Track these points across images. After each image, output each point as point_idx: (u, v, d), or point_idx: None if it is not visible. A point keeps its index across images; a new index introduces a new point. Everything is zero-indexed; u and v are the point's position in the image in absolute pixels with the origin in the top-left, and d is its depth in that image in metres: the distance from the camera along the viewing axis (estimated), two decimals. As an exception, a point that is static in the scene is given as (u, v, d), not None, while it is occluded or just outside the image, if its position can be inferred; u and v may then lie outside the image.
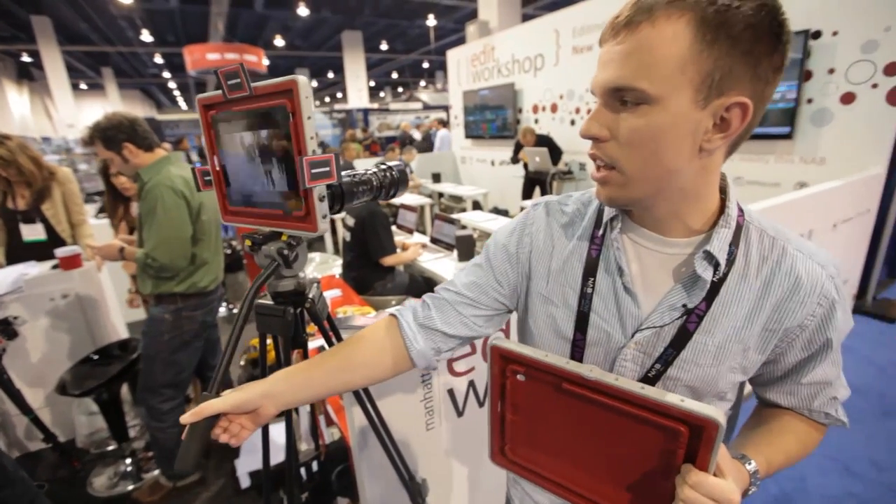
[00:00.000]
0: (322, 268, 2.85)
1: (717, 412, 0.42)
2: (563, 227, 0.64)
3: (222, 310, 3.85)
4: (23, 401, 1.95)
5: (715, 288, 0.52)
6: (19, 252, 2.23)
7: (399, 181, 0.77)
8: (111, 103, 16.91)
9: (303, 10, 10.82)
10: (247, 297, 0.69)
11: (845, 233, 2.56)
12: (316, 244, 5.65)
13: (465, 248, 2.49)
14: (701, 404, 0.43)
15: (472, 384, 1.21)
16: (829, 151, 3.04)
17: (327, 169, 0.60)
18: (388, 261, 2.46)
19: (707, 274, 0.51)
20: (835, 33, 2.89)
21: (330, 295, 2.01)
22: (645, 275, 0.56)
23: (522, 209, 4.99)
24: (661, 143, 0.46)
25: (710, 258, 0.51)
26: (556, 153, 4.74)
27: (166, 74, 18.44)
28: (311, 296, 0.77)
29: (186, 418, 0.55)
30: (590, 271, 0.58)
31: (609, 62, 0.47)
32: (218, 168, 0.72)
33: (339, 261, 2.95)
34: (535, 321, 0.64)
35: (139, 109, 21.07)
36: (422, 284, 2.61)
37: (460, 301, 0.67)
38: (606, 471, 0.53)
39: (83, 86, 18.92)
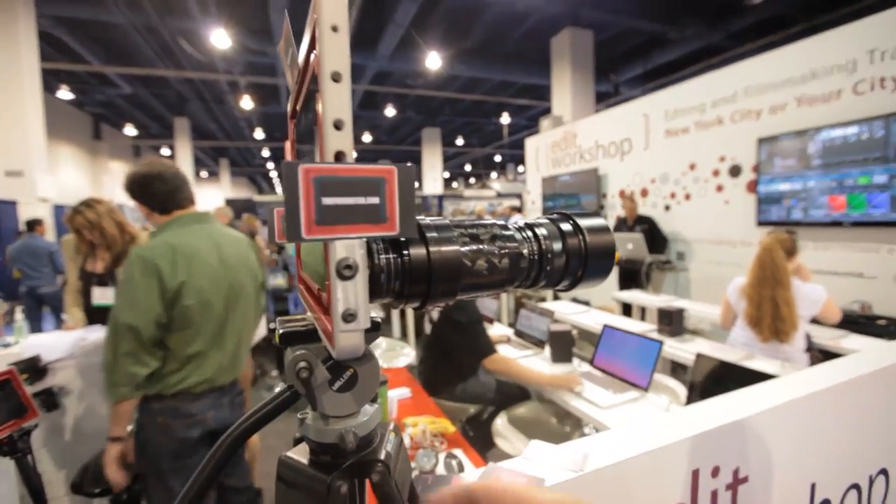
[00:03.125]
0: (388, 356, 2.49)
1: None
2: None
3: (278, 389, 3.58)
4: (40, 491, 1.68)
5: None
6: (89, 315, 2.16)
7: (599, 251, 0.35)
8: (222, 188, 19.53)
9: (390, 111, 12.06)
10: (219, 447, 0.34)
11: None
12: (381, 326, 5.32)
13: (562, 346, 2.01)
14: None
15: None
16: None
17: (374, 202, 0.24)
18: (495, 366, 1.89)
19: None
20: None
21: (396, 395, 1.62)
22: None
23: (617, 301, 4.31)
24: None
25: None
26: (658, 240, 4.17)
27: (270, 165, 21.20)
28: (382, 454, 0.39)
29: None
30: None
31: None
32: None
33: (408, 349, 2.58)
34: None
35: (244, 192, 24.15)
36: (514, 390, 2.10)
37: None
38: None
39: (203, 174, 22.22)
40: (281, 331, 0.37)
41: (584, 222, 0.35)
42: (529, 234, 0.34)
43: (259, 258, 1.60)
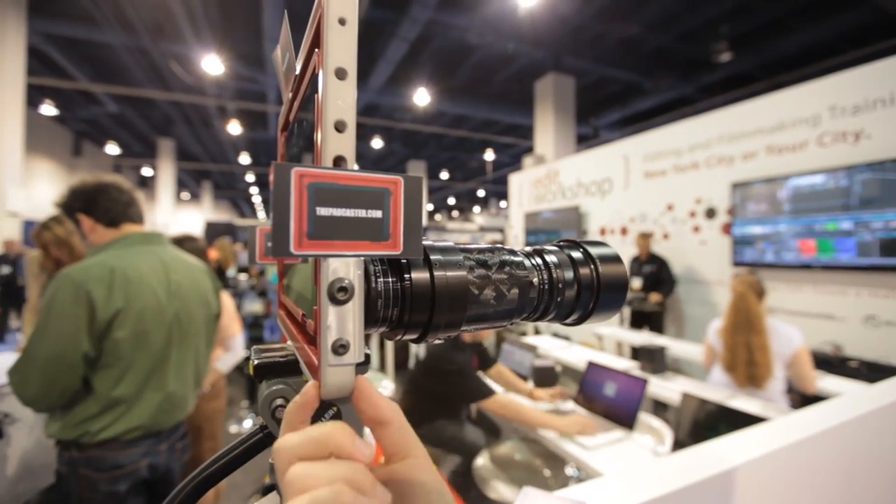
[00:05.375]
0: (365, 389, 2.39)
1: None
2: None
3: (248, 423, 3.38)
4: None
5: None
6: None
7: (612, 283, 0.32)
8: (203, 211, 19.19)
9: (377, 143, 12.25)
10: (177, 496, 0.30)
11: None
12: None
13: (546, 382, 1.97)
14: None
15: None
16: None
17: (376, 215, 0.22)
18: (498, 409, 1.71)
19: None
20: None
21: (373, 431, 1.53)
22: None
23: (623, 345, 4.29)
24: None
25: None
26: (665, 282, 4.06)
27: (254, 189, 21.04)
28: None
29: None
30: None
31: None
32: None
33: (386, 381, 2.50)
34: None
35: (225, 215, 23.78)
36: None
37: None
38: None
39: (184, 195, 21.84)
40: (256, 362, 0.34)
41: (594, 250, 0.32)
42: (539, 261, 0.31)
43: (215, 286, 1.49)
